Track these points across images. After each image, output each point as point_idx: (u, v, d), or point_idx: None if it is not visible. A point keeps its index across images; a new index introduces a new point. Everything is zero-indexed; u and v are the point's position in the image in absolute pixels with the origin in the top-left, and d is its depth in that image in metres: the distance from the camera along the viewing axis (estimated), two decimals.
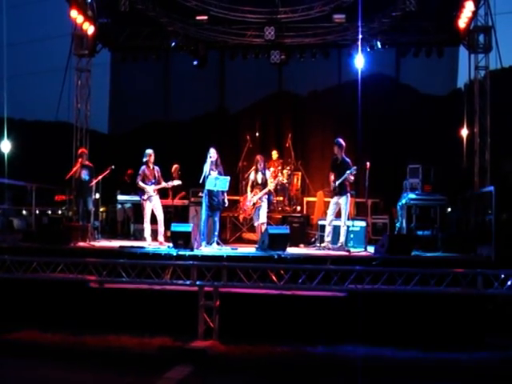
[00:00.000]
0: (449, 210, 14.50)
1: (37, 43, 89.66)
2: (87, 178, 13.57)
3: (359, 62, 15.60)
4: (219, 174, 12.22)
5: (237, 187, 15.53)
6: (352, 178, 12.14)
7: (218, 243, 12.26)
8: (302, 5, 15.62)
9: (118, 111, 19.38)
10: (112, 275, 9.05)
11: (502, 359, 8.08)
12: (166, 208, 13.55)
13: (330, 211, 12.41)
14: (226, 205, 12.72)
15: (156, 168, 12.87)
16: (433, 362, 8.04)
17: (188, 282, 8.81)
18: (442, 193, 13.31)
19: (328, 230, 12.38)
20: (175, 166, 15.16)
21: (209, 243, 12.22)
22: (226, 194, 12.48)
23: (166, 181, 13.08)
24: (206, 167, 12.13)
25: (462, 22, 15.22)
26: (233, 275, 8.81)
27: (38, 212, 15.27)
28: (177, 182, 13.23)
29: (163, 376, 7.29)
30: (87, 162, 13.80)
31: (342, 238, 12.24)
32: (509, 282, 8.28)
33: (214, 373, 7.73)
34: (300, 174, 16.31)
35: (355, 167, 12.04)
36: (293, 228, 13.12)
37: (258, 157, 13.15)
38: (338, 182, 12.17)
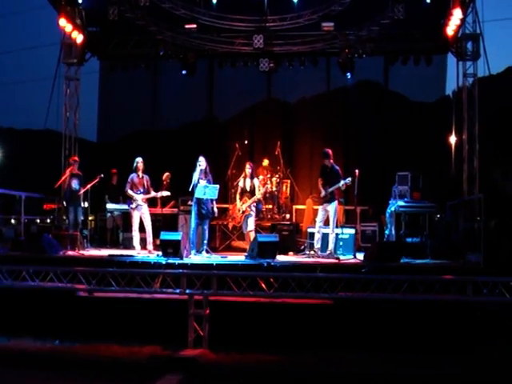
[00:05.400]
0: (438, 217, 14.56)
1: (26, 52, 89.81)
2: (78, 187, 13.50)
3: (348, 69, 15.70)
4: (208, 182, 12.18)
5: (226, 195, 15.51)
6: (344, 187, 12.16)
7: (207, 251, 12.25)
8: (291, 13, 15.64)
9: (106, 120, 19.38)
10: (101, 284, 8.97)
11: (490, 367, 8.07)
12: (154, 216, 13.54)
13: (319, 218, 12.45)
14: (216, 214, 12.71)
15: (145, 177, 12.84)
16: (420, 368, 8.04)
17: (178, 291, 8.77)
18: (430, 200, 13.34)
19: (317, 236, 12.40)
20: (166, 174, 15.20)
21: (198, 251, 12.19)
22: (215, 203, 12.47)
23: (156, 190, 13.08)
24: (195, 176, 12.09)
25: (450, 30, 15.32)
26: (222, 283, 8.77)
27: (26, 220, 15.16)
28: (166, 193, 13.22)
29: None
30: (77, 171, 13.74)
31: (331, 246, 12.25)
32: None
33: (204, 381, 7.68)
34: (289, 181, 16.28)
35: (350, 178, 11.96)
36: (282, 236, 13.16)
37: (247, 164, 13.17)
38: (329, 190, 12.18)
